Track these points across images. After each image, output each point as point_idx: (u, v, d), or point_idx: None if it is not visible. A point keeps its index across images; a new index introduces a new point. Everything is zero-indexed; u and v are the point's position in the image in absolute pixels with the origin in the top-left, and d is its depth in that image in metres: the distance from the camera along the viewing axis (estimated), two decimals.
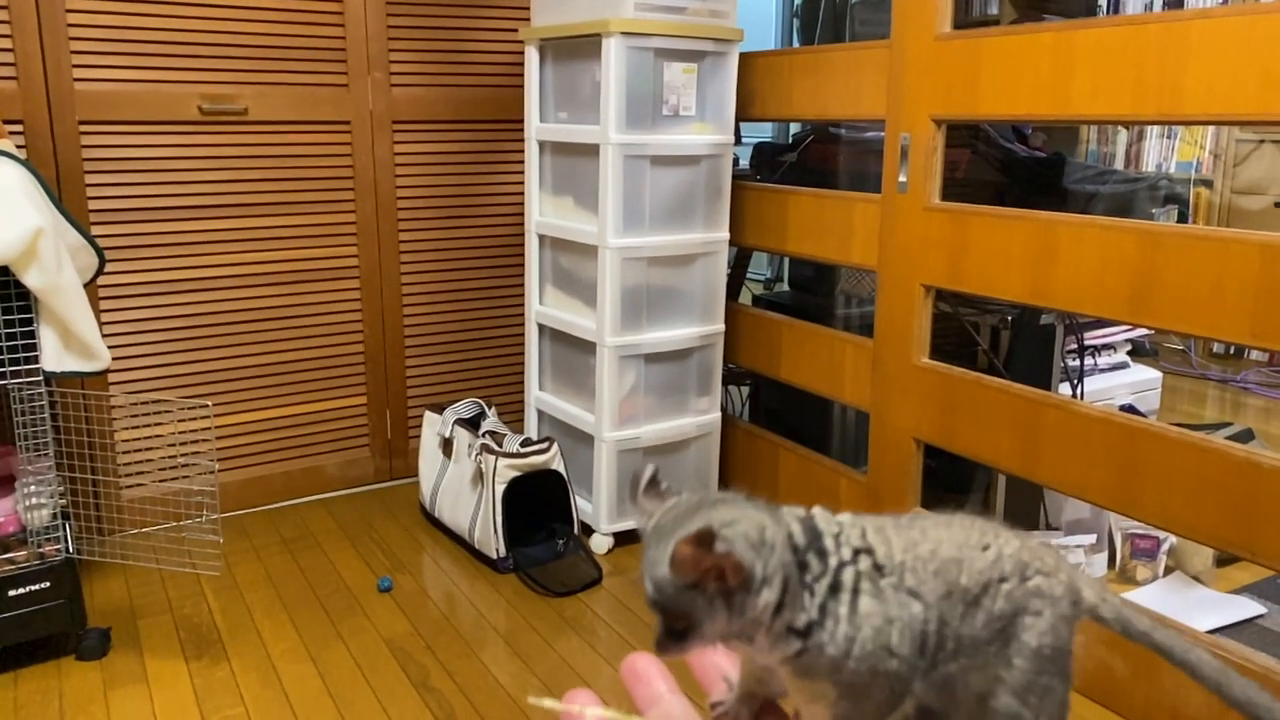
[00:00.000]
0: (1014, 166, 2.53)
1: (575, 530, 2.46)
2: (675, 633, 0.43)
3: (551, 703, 0.43)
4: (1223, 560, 2.37)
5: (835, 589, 0.44)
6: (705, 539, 0.41)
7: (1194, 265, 1.67)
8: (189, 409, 2.55)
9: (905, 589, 0.45)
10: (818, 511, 0.47)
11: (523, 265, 2.96)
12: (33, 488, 1.90)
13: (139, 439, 2.53)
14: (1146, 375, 3.03)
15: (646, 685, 0.47)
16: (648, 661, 0.47)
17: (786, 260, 3.93)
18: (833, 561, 0.44)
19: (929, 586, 0.46)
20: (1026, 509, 2.50)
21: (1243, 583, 2.32)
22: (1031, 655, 0.50)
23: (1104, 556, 2.37)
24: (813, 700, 0.45)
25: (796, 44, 3.78)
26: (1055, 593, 0.52)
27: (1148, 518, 1.78)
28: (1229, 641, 1.75)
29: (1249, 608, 2.19)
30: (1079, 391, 2.63)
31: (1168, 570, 2.36)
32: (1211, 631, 2.03)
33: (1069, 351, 2.63)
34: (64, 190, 2.34)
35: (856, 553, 0.45)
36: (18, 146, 2.25)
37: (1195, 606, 2.19)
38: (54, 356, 1.84)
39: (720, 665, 0.49)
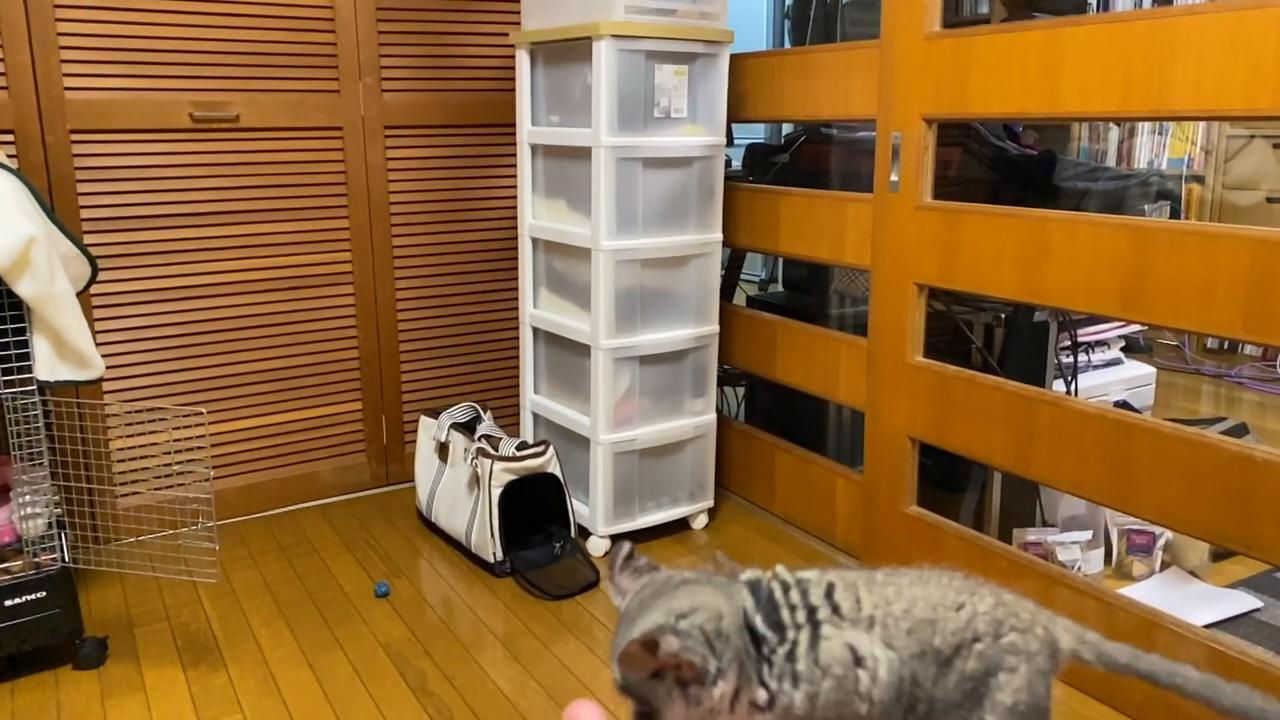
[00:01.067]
0: (1006, 165, 2.54)
1: (572, 533, 2.46)
2: (643, 715, 0.45)
3: None
4: (1219, 555, 2.37)
5: (793, 653, 0.45)
6: (650, 645, 0.42)
7: (1186, 261, 1.67)
8: (184, 416, 2.55)
9: (876, 638, 0.46)
10: (780, 572, 0.47)
11: (516, 269, 2.96)
12: (28, 497, 1.90)
13: (134, 447, 2.52)
14: (1140, 371, 3.04)
15: None
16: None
17: (780, 261, 3.93)
18: (790, 634, 0.45)
19: (902, 643, 0.46)
20: (1022, 506, 2.50)
21: (1239, 577, 2.32)
22: (1007, 712, 0.50)
23: (1100, 553, 2.37)
24: None
25: (787, 45, 3.79)
26: (1031, 648, 0.52)
27: (1143, 513, 1.79)
28: (1226, 636, 1.75)
29: (1245, 602, 2.20)
30: (1073, 388, 2.64)
31: (1164, 565, 2.36)
32: (1208, 626, 2.04)
33: (1063, 348, 2.63)
34: (56, 199, 2.34)
35: (813, 610, 0.46)
36: (9, 156, 2.25)
37: (1192, 601, 2.20)
38: (48, 366, 1.84)
39: None
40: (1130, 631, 1.82)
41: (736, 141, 2.84)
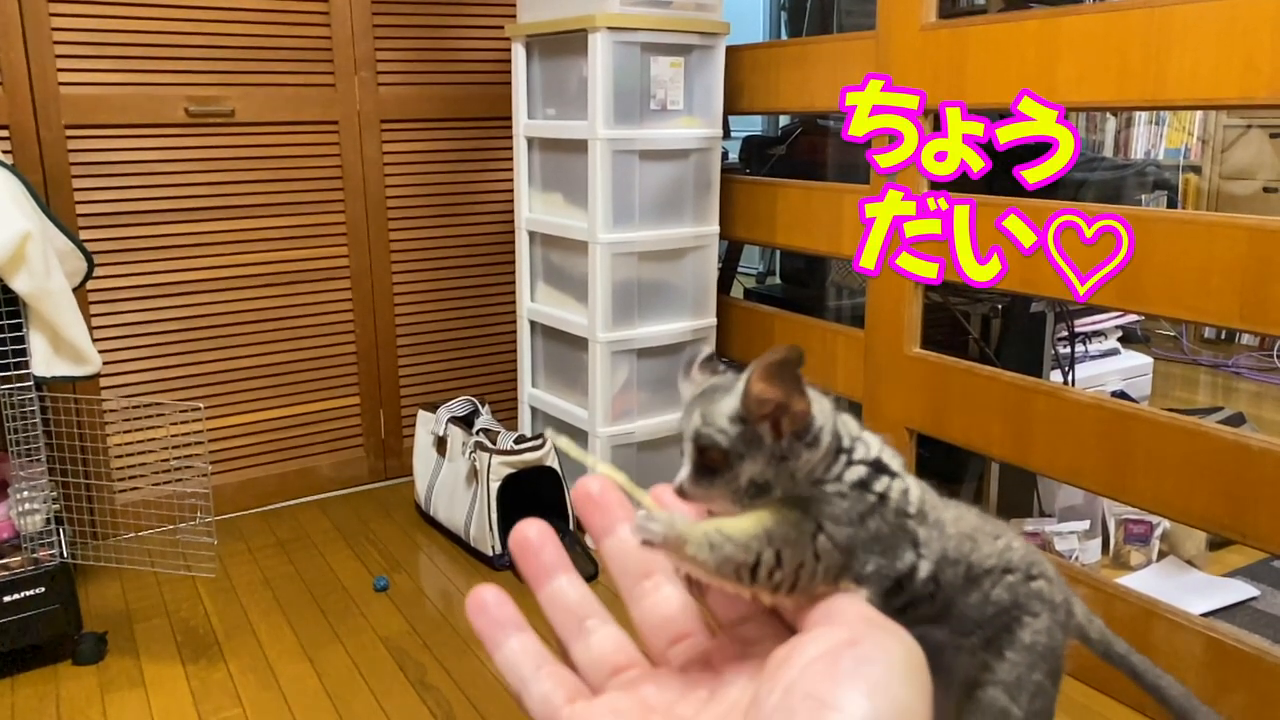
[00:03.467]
0: (1002, 154, 2.53)
1: (571, 526, 2.46)
2: (707, 470, 0.40)
3: (568, 443, 0.42)
4: (1215, 544, 2.38)
5: (865, 484, 0.42)
6: (791, 364, 0.38)
7: (1182, 250, 1.67)
8: (181, 411, 2.55)
9: (913, 538, 0.45)
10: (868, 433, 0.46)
11: (513, 262, 2.96)
12: (26, 493, 1.90)
13: (132, 443, 2.52)
14: (1137, 361, 3.05)
15: (604, 513, 0.44)
16: (601, 483, 0.45)
17: (778, 253, 3.93)
18: (873, 452, 0.43)
19: (935, 546, 0.46)
20: (1020, 496, 2.51)
21: (1236, 566, 2.33)
22: (1024, 650, 0.51)
23: (1098, 542, 2.38)
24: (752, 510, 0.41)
25: (784, 36, 3.78)
26: (1055, 599, 0.53)
27: (1140, 502, 1.79)
28: (1223, 624, 1.76)
29: (1242, 590, 2.20)
30: (1070, 378, 2.64)
31: (1161, 555, 2.36)
32: (1205, 615, 2.04)
33: (1060, 339, 2.64)
34: (51, 195, 2.33)
35: (895, 475, 0.44)
36: (4, 152, 2.24)
37: (1189, 590, 2.20)
38: (44, 361, 1.83)
39: (579, 611, 0.45)
40: (1128, 620, 1.82)
41: (733, 134, 2.84)
